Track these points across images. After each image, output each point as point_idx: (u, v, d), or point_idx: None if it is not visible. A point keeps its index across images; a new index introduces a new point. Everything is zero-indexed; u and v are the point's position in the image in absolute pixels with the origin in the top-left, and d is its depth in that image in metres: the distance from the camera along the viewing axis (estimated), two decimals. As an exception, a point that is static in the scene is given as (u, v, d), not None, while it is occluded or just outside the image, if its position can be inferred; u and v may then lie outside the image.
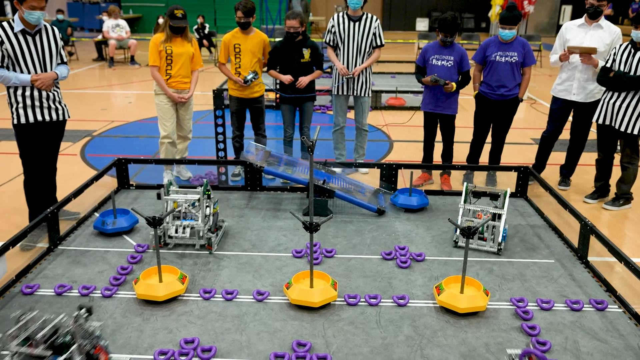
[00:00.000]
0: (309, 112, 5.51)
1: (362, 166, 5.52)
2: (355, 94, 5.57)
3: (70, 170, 5.72)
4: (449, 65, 5.12)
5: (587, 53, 4.95)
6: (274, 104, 8.76)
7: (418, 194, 4.68)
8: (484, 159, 5.69)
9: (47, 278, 3.45)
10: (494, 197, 4.06)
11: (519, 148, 6.92)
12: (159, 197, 3.92)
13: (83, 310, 2.34)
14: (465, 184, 4.14)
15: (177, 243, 3.92)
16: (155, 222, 3.09)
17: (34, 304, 3.14)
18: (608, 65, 4.79)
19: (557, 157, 5.95)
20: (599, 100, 5.03)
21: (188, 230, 3.82)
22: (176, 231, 3.82)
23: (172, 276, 3.27)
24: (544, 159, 5.61)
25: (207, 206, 3.91)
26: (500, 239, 3.83)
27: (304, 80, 5.27)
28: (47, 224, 3.79)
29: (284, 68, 5.34)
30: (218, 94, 5.35)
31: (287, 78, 5.24)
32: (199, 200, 3.86)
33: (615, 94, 4.77)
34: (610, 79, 4.72)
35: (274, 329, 2.96)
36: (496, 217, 3.92)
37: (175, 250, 3.85)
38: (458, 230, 3.91)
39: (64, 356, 2.28)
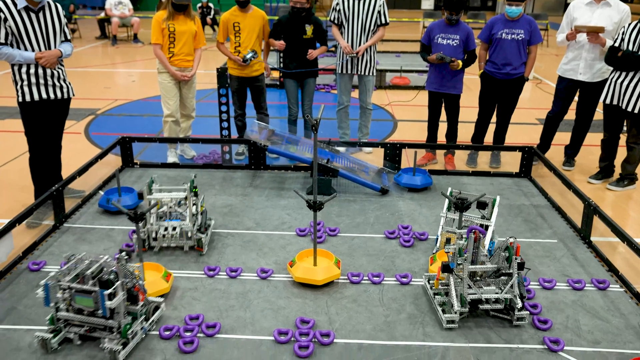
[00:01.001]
0: (311, 88, 5.51)
1: (366, 145, 5.52)
2: (359, 73, 5.54)
3: (74, 148, 5.74)
4: (455, 44, 5.07)
5: (594, 32, 4.89)
6: (278, 82, 8.72)
7: (422, 174, 4.68)
8: (489, 138, 5.67)
9: (53, 255, 3.49)
10: (482, 205, 3.48)
11: (524, 128, 6.89)
12: (141, 197, 3.70)
13: (123, 254, 2.63)
14: (449, 189, 3.56)
15: (163, 246, 3.58)
16: (136, 217, 2.84)
17: (41, 280, 3.17)
18: (616, 44, 4.74)
19: (562, 138, 5.92)
20: (605, 80, 4.99)
21: (178, 229, 3.49)
22: (165, 232, 3.45)
23: (156, 274, 3.10)
24: (549, 139, 5.58)
25: (194, 204, 3.57)
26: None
27: (313, 53, 5.31)
28: (52, 201, 3.82)
29: (286, 43, 5.32)
30: (222, 73, 5.32)
31: (280, 43, 5.28)
32: (185, 198, 3.54)
33: (623, 74, 4.72)
34: (618, 58, 4.67)
35: (278, 306, 3.00)
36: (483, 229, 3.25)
37: (163, 253, 3.53)
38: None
39: (109, 290, 2.52)
